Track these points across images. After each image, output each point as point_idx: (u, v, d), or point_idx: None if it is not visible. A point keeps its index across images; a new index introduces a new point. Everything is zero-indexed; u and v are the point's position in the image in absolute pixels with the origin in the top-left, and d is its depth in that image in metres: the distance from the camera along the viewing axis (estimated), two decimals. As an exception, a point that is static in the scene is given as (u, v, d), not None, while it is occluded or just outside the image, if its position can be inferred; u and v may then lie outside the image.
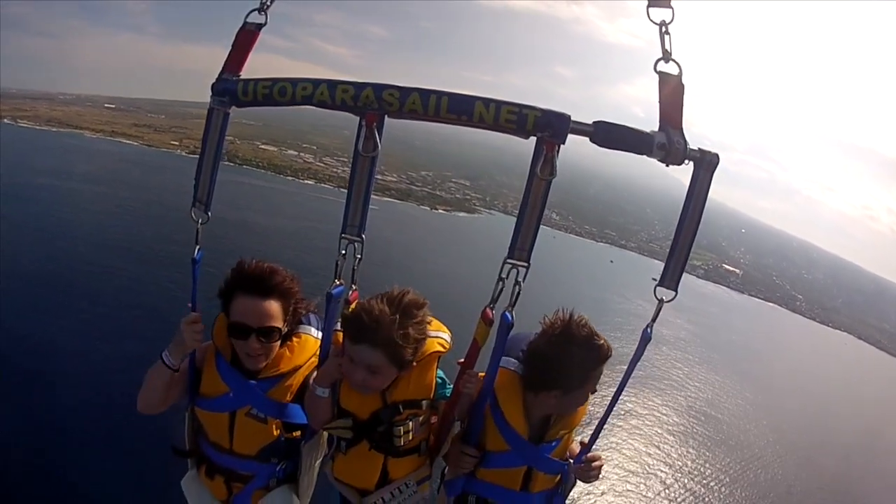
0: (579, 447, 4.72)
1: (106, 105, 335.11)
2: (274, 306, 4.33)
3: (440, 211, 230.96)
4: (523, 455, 4.48)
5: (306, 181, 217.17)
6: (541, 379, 4.33)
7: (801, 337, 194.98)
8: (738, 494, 69.52)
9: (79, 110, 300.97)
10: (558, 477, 4.71)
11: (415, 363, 4.22)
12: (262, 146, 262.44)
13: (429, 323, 4.27)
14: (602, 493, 59.80)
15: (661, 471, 69.75)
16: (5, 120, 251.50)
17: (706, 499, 66.79)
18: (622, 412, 78.69)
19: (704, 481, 70.17)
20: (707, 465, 73.96)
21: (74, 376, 51.87)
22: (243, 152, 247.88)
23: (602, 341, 4.25)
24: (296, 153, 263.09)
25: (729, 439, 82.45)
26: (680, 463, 72.87)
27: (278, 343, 4.44)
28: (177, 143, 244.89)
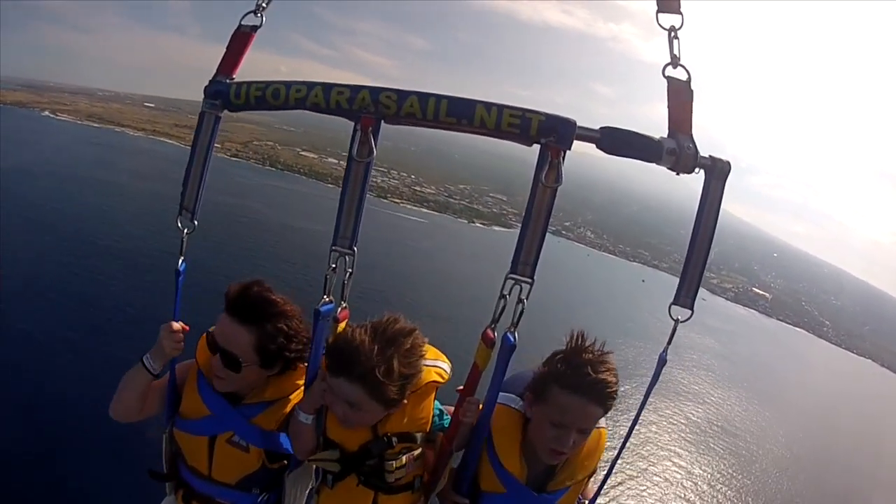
0: (594, 489, 4.43)
1: (145, 104, 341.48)
2: (244, 335, 3.96)
3: (477, 224, 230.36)
4: (520, 501, 4.05)
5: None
6: (532, 394, 3.98)
7: (824, 362, 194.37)
8: (744, 501, 70.98)
9: (119, 107, 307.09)
10: None
11: (405, 401, 3.85)
12: (303, 153, 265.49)
13: (422, 356, 3.87)
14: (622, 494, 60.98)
15: (676, 473, 72.17)
16: (45, 113, 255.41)
17: (715, 501, 68.71)
18: (643, 419, 79.51)
19: (714, 486, 72.42)
20: (718, 473, 75.96)
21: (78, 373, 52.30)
22: (285, 158, 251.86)
23: (604, 377, 3.72)
24: (336, 161, 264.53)
25: (743, 452, 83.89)
26: (693, 468, 74.93)
27: (239, 375, 4.07)
28: (218, 145, 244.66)
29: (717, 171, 3.63)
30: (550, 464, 4.03)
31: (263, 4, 3.86)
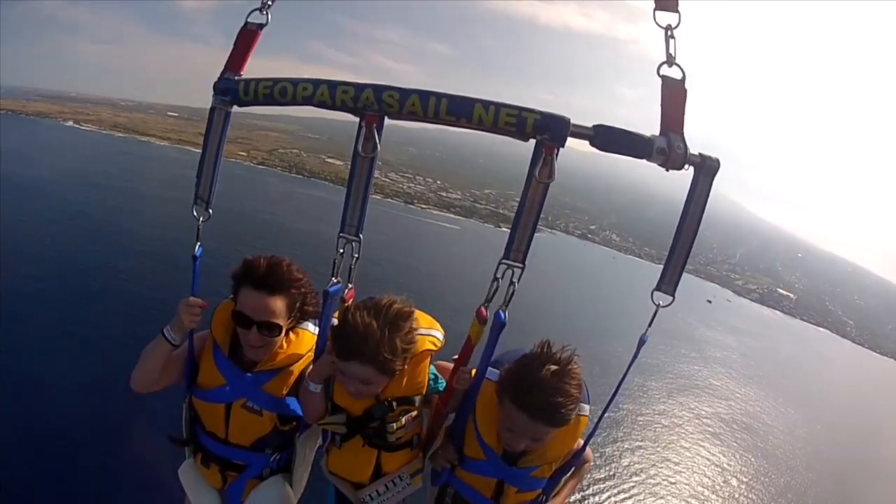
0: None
1: (169, 113, 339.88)
2: (278, 303, 4.28)
3: (503, 229, 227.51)
4: (496, 469, 4.35)
5: (374, 196, 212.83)
6: (496, 392, 4.17)
7: (847, 362, 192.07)
8: (759, 492, 70.63)
9: (143, 117, 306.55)
10: (538, 492, 4.54)
11: (405, 366, 4.12)
12: (329, 160, 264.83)
13: (417, 329, 4.14)
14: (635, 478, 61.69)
15: (700, 463, 71.98)
16: (69, 123, 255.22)
17: (728, 492, 68.27)
18: (668, 413, 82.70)
19: (730, 477, 71.79)
20: (740, 465, 75.35)
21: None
22: (311, 165, 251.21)
23: (555, 401, 3.79)
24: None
25: (764, 447, 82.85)
26: (715, 459, 74.52)
27: (279, 337, 4.40)
28: (244, 153, 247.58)
29: (706, 169, 3.73)
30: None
31: (269, 2, 3.96)
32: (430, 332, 4.32)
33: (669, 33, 3.65)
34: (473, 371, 4.23)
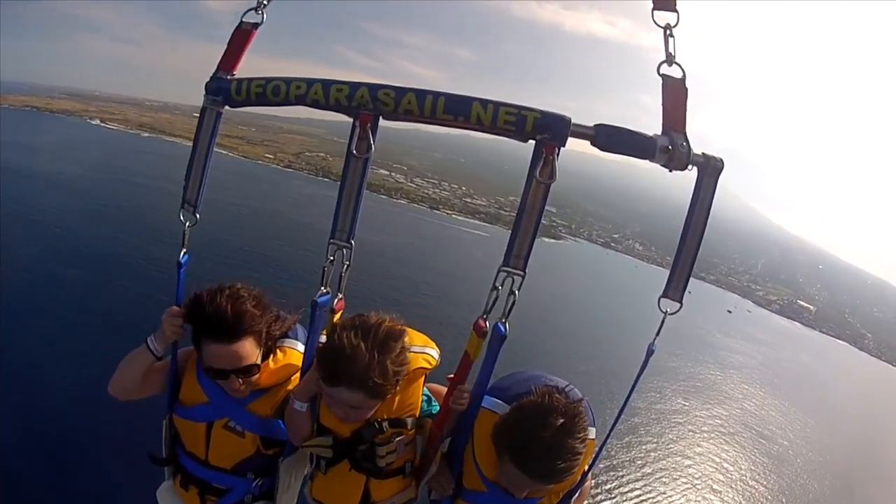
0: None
1: (195, 114, 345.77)
2: (246, 346, 3.93)
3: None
4: (499, 501, 3.97)
5: (399, 200, 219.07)
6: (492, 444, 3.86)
7: (862, 374, 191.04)
8: (769, 488, 71.59)
9: (168, 117, 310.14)
10: None
11: (398, 387, 3.80)
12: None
13: (409, 349, 3.79)
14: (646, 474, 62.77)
15: (709, 466, 72.11)
16: (95, 121, 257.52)
17: (736, 488, 69.16)
18: (682, 411, 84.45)
19: (739, 479, 72.15)
20: (751, 470, 75.55)
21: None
22: (337, 169, 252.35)
23: (557, 466, 3.51)
24: (387, 173, 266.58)
25: (774, 450, 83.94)
26: (726, 463, 74.73)
27: (256, 375, 4.08)
28: (271, 156, 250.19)
29: (710, 169, 3.60)
30: None
31: (265, 2, 3.81)
32: (423, 349, 4.00)
33: (668, 32, 3.56)
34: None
